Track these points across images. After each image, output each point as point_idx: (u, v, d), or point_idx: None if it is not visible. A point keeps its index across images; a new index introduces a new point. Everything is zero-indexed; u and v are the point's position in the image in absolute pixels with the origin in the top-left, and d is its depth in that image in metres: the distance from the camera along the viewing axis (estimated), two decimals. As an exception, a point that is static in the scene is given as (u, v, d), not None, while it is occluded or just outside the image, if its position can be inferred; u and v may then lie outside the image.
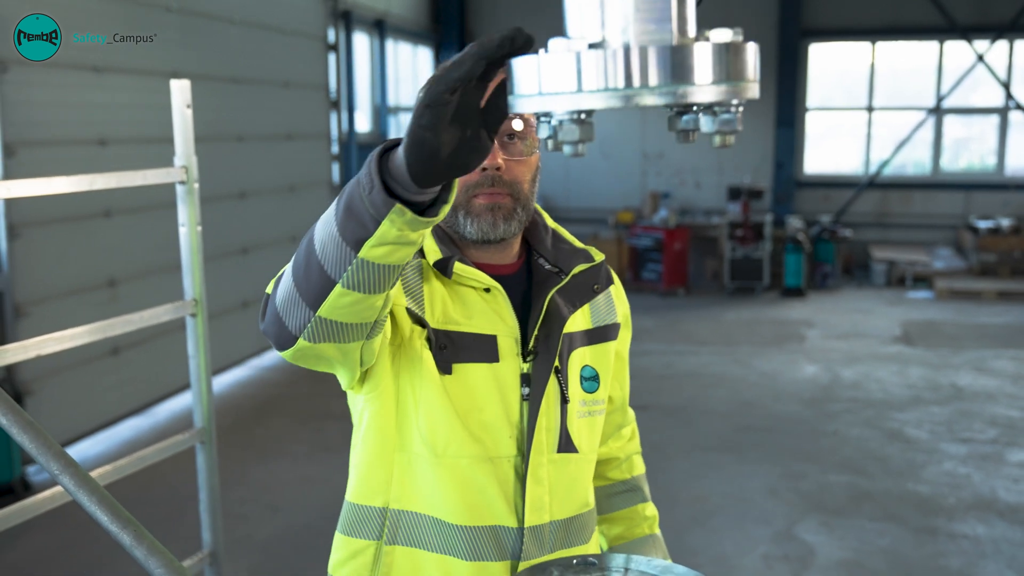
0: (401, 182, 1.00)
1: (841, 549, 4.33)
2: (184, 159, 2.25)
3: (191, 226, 2.30)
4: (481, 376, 1.46)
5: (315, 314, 1.17)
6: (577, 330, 1.56)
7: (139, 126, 6.08)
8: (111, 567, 4.22)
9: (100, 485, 1.02)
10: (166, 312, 2.28)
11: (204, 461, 2.34)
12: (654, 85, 0.74)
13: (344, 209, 1.07)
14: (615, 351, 1.64)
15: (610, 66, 0.75)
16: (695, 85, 0.75)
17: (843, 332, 8.77)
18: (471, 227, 1.47)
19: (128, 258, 6.01)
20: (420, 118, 0.93)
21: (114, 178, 2.04)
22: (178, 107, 2.27)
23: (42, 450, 1.03)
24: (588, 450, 1.57)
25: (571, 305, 1.54)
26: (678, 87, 0.75)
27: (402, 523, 1.47)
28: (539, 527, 1.48)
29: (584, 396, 1.56)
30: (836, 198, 12.13)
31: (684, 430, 6.05)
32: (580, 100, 0.77)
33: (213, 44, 6.98)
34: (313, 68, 8.71)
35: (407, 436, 1.46)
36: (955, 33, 11.48)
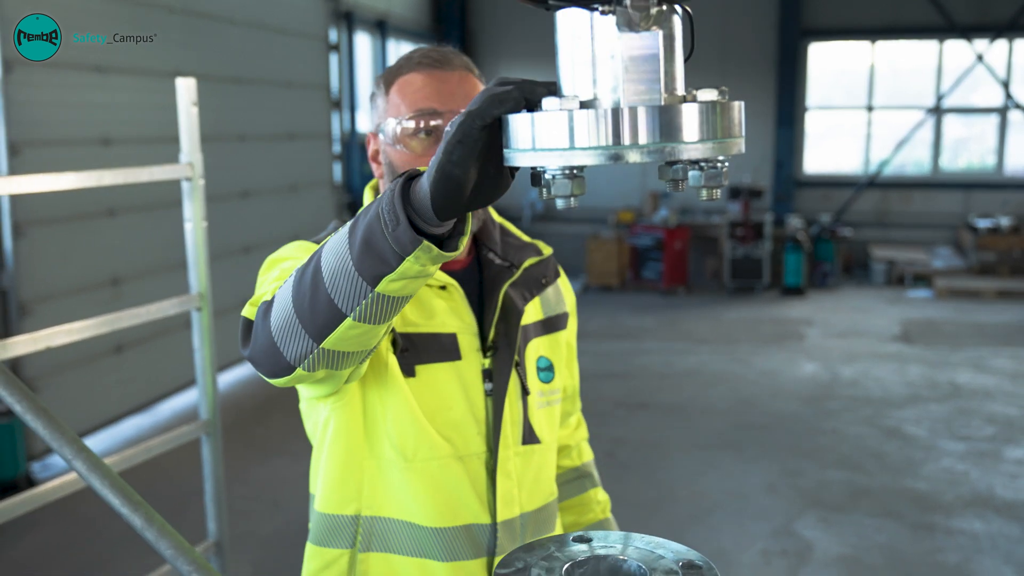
0: (423, 215, 0.99)
1: (839, 545, 4.36)
2: (189, 156, 2.28)
3: (196, 222, 2.33)
4: (445, 375, 1.46)
5: (319, 345, 1.14)
6: (531, 322, 1.58)
7: (142, 126, 6.11)
8: (113, 564, 4.26)
9: (112, 469, 1.06)
10: (172, 306, 2.31)
11: (209, 453, 2.38)
12: (643, 143, 0.78)
13: (362, 244, 1.04)
14: (565, 340, 1.66)
15: (601, 125, 0.79)
16: (682, 143, 0.79)
17: (842, 331, 8.80)
18: None
19: (131, 257, 6.05)
20: (451, 154, 0.93)
21: (121, 174, 2.07)
22: (184, 105, 2.30)
23: (56, 435, 1.07)
24: (550, 440, 1.60)
25: (523, 298, 1.56)
26: (666, 145, 0.78)
27: (376, 529, 1.47)
28: (511, 520, 1.50)
29: (542, 387, 1.58)
30: (836, 197, 12.16)
31: (684, 428, 6.08)
32: (572, 157, 0.80)
33: (215, 44, 7.01)
34: (315, 68, 8.75)
35: (376, 443, 1.45)
36: (955, 33, 11.51)
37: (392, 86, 1.50)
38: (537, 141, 0.83)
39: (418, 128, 1.44)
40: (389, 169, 1.51)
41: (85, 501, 4.45)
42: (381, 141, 1.51)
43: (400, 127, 1.46)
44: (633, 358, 7.70)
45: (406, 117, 1.45)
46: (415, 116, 1.44)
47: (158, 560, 2.61)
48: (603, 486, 1.83)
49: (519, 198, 12.30)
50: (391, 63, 1.56)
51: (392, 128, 1.47)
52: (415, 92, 1.47)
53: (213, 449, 2.38)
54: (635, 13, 0.76)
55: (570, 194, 0.84)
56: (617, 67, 0.80)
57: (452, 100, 1.45)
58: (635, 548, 0.92)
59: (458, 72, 1.48)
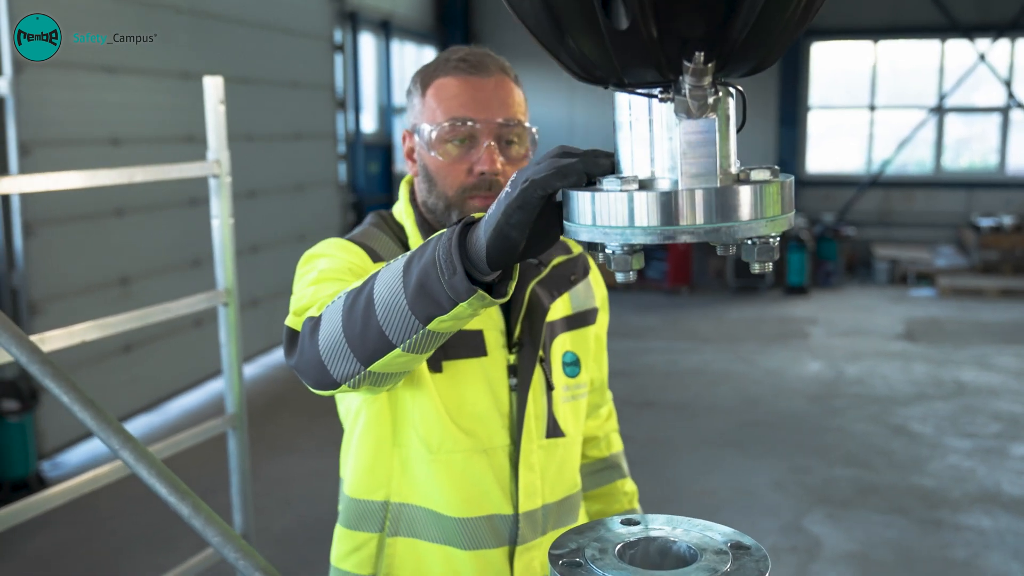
0: (476, 265, 1.05)
1: (848, 541, 4.38)
2: (217, 153, 2.32)
3: (223, 218, 2.37)
4: (471, 371, 1.49)
5: (366, 369, 1.21)
6: (558, 318, 1.60)
7: (151, 126, 6.14)
8: (126, 562, 4.28)
9: (158, 459, 1.08)
10: (199, 301, 2.34)
11: (236, 446, 2.41)
12: (700, 224, 0.82)
13: (417, 287, 1.09)
14: (594, 335, 1.69)
15: (660, 207, 0.83)
16: (737, 223, 0.83)
17: (846, 329, 8.82)
18: None
19: (140, 256, 6.08)
20: (510, 217, 0.98)
21: (152, 171, 2.10)
22: (211, 103, 2.33)
23: (103, 426, 1.09)
24: (574, 433, 1.62)
25: (550, 295, 1.58)
26: (721, 226, 0.83)
27: (403, 516, 1.51)
28: (533, 511, 1.53)
29: (567, 381, 1.60)
30: (839, 197, 12.19)
31: (690, 426, 6.11)
32: (632, 236, 0.84)
33: (222, 45, 7.04)
34: (320, 68, 8.78)
35: (403, 435, 1.49)
36: (956, 32, 11.54)
37: (428, 88, 1.52)
38: (598, 219, 0.87)
39: (453, 136, 1.47)
40: (424, 171, 1.53)
41: (98, 500, 4.48)
42: (416, 142, 1.54)
43: (435, 133, 1.48)
44: (638, 357, 7.72)
45: (441, 124, 1.47)
46: (451, 124, 1.47)
47: (172, 560, 2.65)
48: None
49: (522, 198, 12.34)
50: (394, 64, 1.59)
51: (428, 133, 1.49)
52: (451, 99, 1.48)
53: (239, 442, 2.41)
54: (693, 103, 0.80)
55: (630, 269, 0.88)
56: (675, 149, 0.84)
57: (487, 108, 1.47)
58: (683, 530, 0.95)
59: (494, 77, 1.50)
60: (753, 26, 0.80)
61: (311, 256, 1.50)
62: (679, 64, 0.80)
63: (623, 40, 0.80)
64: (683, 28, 0.79)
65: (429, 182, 1.52)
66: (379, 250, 1.51)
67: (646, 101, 0.85)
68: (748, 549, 0.90)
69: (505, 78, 1.52)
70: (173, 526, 4.58)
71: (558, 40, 0.86)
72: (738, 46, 0.81)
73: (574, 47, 0.86)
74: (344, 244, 1.50)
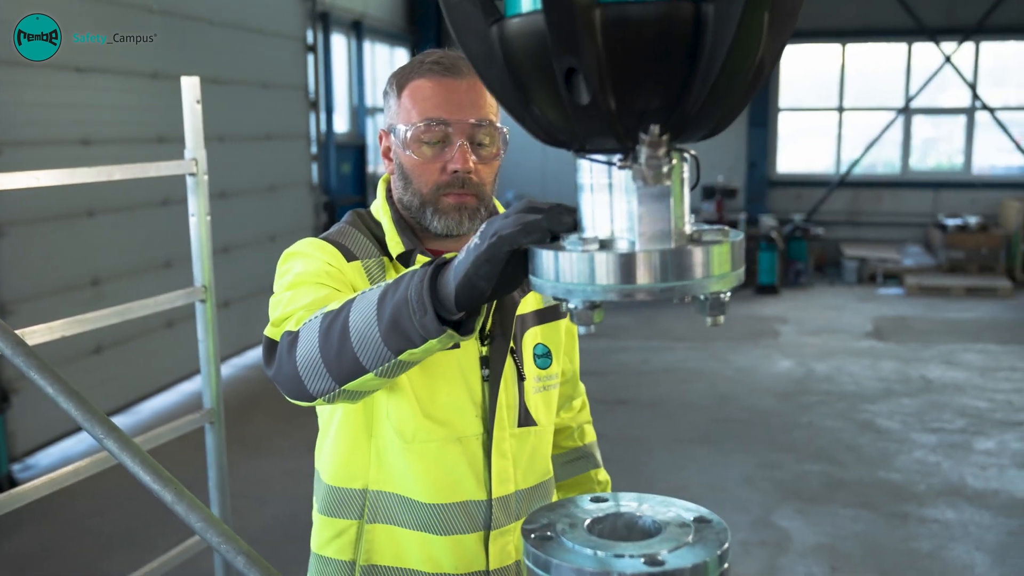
0: (445, 305, 1.14)
1: (816, 534, 4.46)
2: (194, 152, 2.34)
3: (201, 216, 2.39)
4: (444, 362, 1.53)
5: (340, 388, 1.29)
6: (528, 311, 1.65)
7: (121, 126, 6.12)
8: (100, 563, 4.28)
9: (141, 448, 1.11)
10: (178, 297, 2.37)
11: (213, 441, 2.43)
12: (656, 284, 0.89)
13: (390, 322, 1.19)
14: (565, 328, 1.73)
15: (618, 267, 0.90)
16: (691, 282, 0.90)
17: (816, 328, 8.94)
18: (437, 223, 1.55)
19: (112, 257, 6.05)
20: (479, 268, 1.07)
21: (130, 170, 2.12)
22: (188, 103, 2.36)
23: (87, 416, 1.12)
24: (546, 423, 1.67)
25: (521, 290, 1.61)
26: (675, 285, 0.90)
27: (380, 504, 1.56)
28: (506, 497, 1.58)
29: (538, 372, 1.65)
30: (808, 197, 12.33)
31: (663, 423, 6.18)
32: (592, 293, 0.91)
33: (194, 45, 7.03)
34: (292, 69, 8.77)
35: (378, 427, 1.54)
36: (923, 35, 11.72)
37: (404, 89, 1.57)
38: (561, 276, 0.94)
39: (427, 136, 1.52)
40: (399, 169, 1.59)
41: (74, 500, 4.47)
42: (393, 141, 1.59)
43: (410, 133, 1.53)
44: (611, 355, 7.79)
45: (416, 124, 1.52)
46: (425, 124, 1.52)
47: (150, 559, 2.67)
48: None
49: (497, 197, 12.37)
50: (366, 64, 1.63)
51: (403, 133, 1.54)
52: (425, 100, 1.53)
53: (217, 437, 2.44)
54: (649, 171, 0.86)
55: (591, 323, 0.95)
56: (633, 212, 0.90)
57: (460, 109, 1.53)
58: (649, 506, 1.00)
59: (467, 79, 1.54)
60: (705, 99, 0.85)
61: (288, 256, 1.56)
62: (637, 134, 0.85)
63: (584, 112, 0.85)
64: (640, 102, 0.85)
65: (405, 180, 1.57)
66: (354, 248, 1.56)
67: (606, 168, 0.92)
68: (710, 523, 0.95)
69: (477, 81, 1.55)
70: (150, 524, 4.58)
71: (524, 107, 0.92)
72: (692, 118, 0.87)
73: (539, 114, 0.91)
74: (319, 244, 1.55)
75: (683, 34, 0.82)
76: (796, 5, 0.89)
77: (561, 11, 0.80)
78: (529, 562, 0.91)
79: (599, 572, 0.86)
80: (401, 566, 1.56)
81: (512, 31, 0.88)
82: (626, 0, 0.81)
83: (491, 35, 0.90)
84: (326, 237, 1.58)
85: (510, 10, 0.89)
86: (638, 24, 0.81)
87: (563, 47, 0.82)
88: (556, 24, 0.81)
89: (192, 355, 2.63)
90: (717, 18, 0.81)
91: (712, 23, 0.81)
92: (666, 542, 0.92)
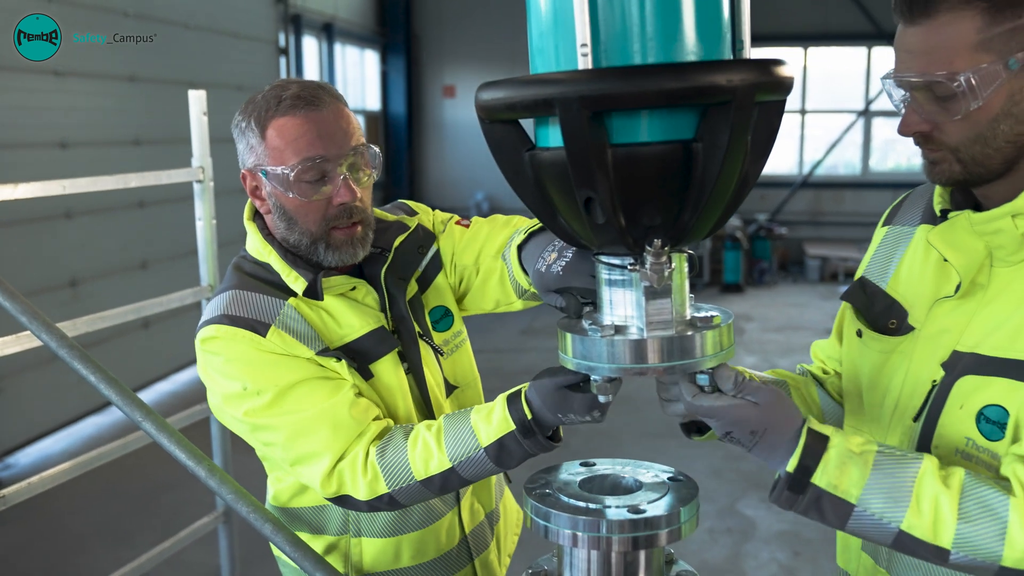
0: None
1: (779, 522, 4.66)
2: (200, 160, 2.47)
3: (207, 219, 2.52)
4: (392, 365, 1.60)
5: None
6: (413, 294, 1.70)
7: (98, 129, 6.19)
8: (81, 559, 4.36)
9: (176, 429, 1.25)
10: (187, 296, 2.51)
11: (218, 430, 2.56)
12: (662, 363, 1.10)
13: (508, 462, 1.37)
14: (444, 275, 1.76)
15: (631, 350, 1.10)
16: (691, 360, 1.11)
17: (779, 325, 9.17)
18: (331, 257, 1.56)
19: (89, 259, 6.12)
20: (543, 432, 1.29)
21: (145, 177, 2.25)
22: (195, 114, 2.49)
23: (127, 401, 1.25)
24: (469, 379, 1.77)
25: (403, 278, 1.68)
26: (676, 364, 1.11)
27: (362, 516, 1.62)
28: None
29: (445, 336, 1.73)
30: (772, 197, 12.59)
31: (633, 418, 6.35)
32: (610, 371, 1.12)
33: (170, 49, 7.10)
34: (265, 71, 8.86)
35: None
36: (882, 39, 12.02)
37: (267, 128, 1.53)
38: (585, 355, 1.14)
39: (308, 174, 1.51)
40: (280, 210, 1.57)
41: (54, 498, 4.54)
42: (264, 182, 1.57)
43: (291, 175, 1.51)
44: (581, 353, 7.94)
45: (294, 166, 1.50)
46: (304, 165, 1.50)
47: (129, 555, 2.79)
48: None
49: (465, 199, 12.52)
50: (337, 66, 1.69)
51: (281, 175, 1.52)
52: (297, 139, 1.51)
53: (221, 427, 2.57)
54: (653, 275, 1.06)
55: (609, 393, 1.18)
56: (641, 305, 1.10)
57: (333, 142, 1.52)
58: (631, 468, 1.17)
59: (330, 108, 1.53)
60: (699, 215, 1.06)
61: (220, 370, 1.52)
62: (643, 245, 1.07)
63: (600, 228, 1.07)
64: (645, 220, 1.06)
65: (288, 220, 1.56)
66: (259, 315, 1.53)
67: (621, 270, 1.13)
68: (681, 480, 1.12)
69: (339, 105, 1.57)
70: (129, 521, 4.68)
71: (552, 218, 1.14)
72: (688, 229, 1.08)
73: (564, 224, 1.13)
74: (235, 337, 1.51)
75: (678, 167, 1.03)
76: (772, 132, 1.11)
77: (580, 152, 1.00)
78: (532, 514, 1.08)
79: (591, 519, 1.03)
80: (392, 568, 1.65)
81: (541, 160, 1.08)
82: (632, 142, 1.01)
83: (524, 160, 1.10)
84: (231, 319, 1.52)
85: (540, 141, 1.11)
86: (642, 161, 1.02)
87: (582, 182, 1.02)
88: (576, 163, 1.01)
89: (167, 356, 2.75)
90: (705, 154, 1.02)
91: (702, 158, 1.02)
92: (645, 495, 1.09)
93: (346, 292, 1.60)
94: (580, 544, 1.04)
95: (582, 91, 0.97)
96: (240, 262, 1.64)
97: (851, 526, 1.18)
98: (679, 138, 1.02)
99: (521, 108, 1.05)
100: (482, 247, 1.75)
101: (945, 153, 1.25)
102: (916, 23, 1.18)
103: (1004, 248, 1.25)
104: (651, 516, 1.04)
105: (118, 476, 4.59)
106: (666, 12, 1.00)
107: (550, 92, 0.99)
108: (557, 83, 1.00)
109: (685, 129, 1.02)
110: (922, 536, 1.14)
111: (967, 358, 1.25)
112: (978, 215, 1.26)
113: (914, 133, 1.25)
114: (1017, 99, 1.16)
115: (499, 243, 1.73)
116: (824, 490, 1.15)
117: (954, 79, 1.14)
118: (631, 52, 1.00)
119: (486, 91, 1.08)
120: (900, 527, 1.14)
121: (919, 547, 1.15)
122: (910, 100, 1.23)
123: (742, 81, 0.99)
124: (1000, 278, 1.26)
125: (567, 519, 1.04)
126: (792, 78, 1.11)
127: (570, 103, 0.97)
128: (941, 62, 1.16)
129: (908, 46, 1.20)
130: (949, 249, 1.29)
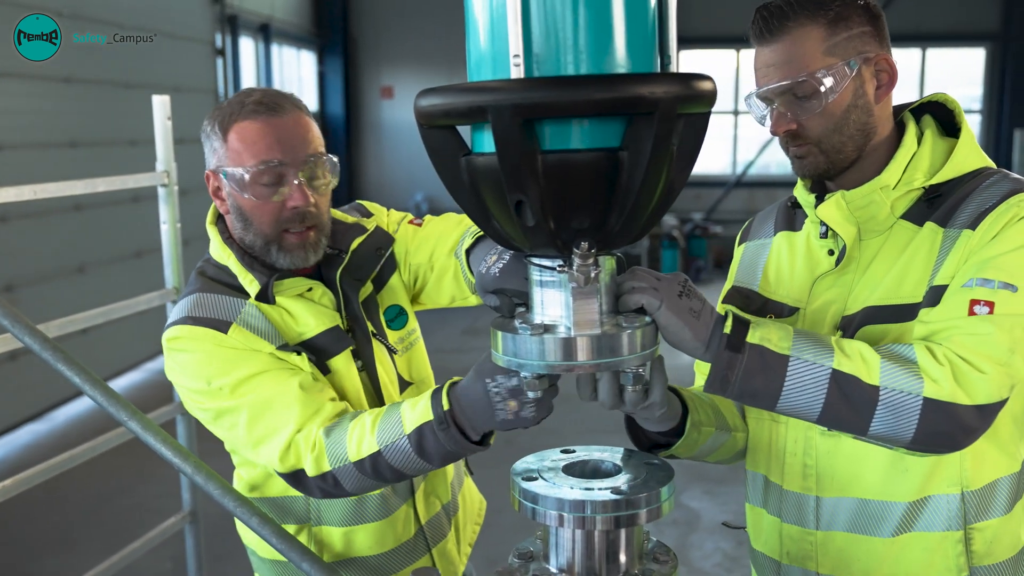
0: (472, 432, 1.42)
1: (723, 513, 4.79)
2: (165, 164, 2.48)
3: (171, 223, 2.53)
4: (346, 363, 1.65)
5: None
6: (367, 294, 1.76)
7: (34, 131, 6.08)
8: (31, 566, 4.30)
9: (161, 428, 1.29)
10: (151, 299, 2.50)
11: (185, 430, 2.57)
12: (589, 360, 1.15)
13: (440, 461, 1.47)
14: (398, 275, 1.82)
15: (559, 348, 1.15)
16: (617, 359, 1.17)
17: (717, 321, 9.36)
18: (284, 259, 1.63)
19: (25, 263, 6.01)
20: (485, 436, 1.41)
21: (111, 182, 2.25)
22: (159, 119, 2.50)
23: (112, 401, 1.28)
24: (423, 375, 1.83)
25: (359, 279, 1.73)
26: (601, 362, 1.16)
27: (322, 505, 1.67)
28: None
29: (400, 334, 1.78)
30: (707, 197, 12.84)
31: (576, 415, 6.43)
32: (537, 367, 1.17)
33: (104, 50, 6.99)
34: (202, 73, 8.77)
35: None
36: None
37: (229, 132, 1.60)
38: (515, 353, 1.19)
39: (264, 177, 1.57)
40: (237, 211, 1.63)
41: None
42: (224, 183, 1.63)
43: (247, 176, 1.57)
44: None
45: (251, 168, 1.57)
46: (261, 167, 1.56)
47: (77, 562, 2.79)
48: (500, 472, 2.06)
49: (404, 200, 12.52)
50: (274, 67, 1.73)
51: (239, 176, 1.58)
52: (256, 142, 1.57)
53: (188, 428, 2.58)
54: (580, 276, 1.11)
55: (539, 389, 1.22)
56: (568, 304, 1.16)
57: (291, 147, 1.58)
58: (609, 454, 1.24)
59: (291, 115, 1.60)
60: (625, 220, 1.12)
61: (184, 366, 1.56)
62: (572, 247, 1.12)
63: (531, 231, 1.12)
64: (573, 224, 1.12)
65: (244, 221, 1.62)
66: (221, 315, 1.59)
67: (551, 271, 1.18)
68: (658, 464, 1.20)
69: (300, 114, 1.64)
70: (76, 528, 4.62)
71: (486, 221, 1.19)
72: (615, 234, 1.14)
73: (498, 227, 1.18)
74: (196, 335, 1.56)
75: (605, 174, 1.09)
76: (698, 142, 1.18)
77: (512, 157, 1.06)
78: (520, 498, 1.14)
79: (576, 501, 1.10)
80: (354, 556, 1.70)
81: (476, 165, 1.13)
82: (561, 149, 1.07)
83: (461, 164, 1.15)
84: (195, 320, 1.58)
85: (476, 147, 1.15)
86: (571, 167, 1.08)
87: (514, 186, 1.08)
88: (508, 168, 1.07)
89: (110, 359, 2.74)
90: (630, 162, 1.08)
91: (627, 166, 1.08)
92: (626, 478, 1.17)
93: (303, 292, 1.65)
94: (566, 524, 1.11)
95: (514, 99, 1.02)
96: (204, 266, 1.69)
97: (788, 383, 1.28)
98: (606, 146, 1.07)
99: (457, 115, 1.10)
100: (435, 246, 1.81)
101: (810, 147, 1.46)
102: (773, 41, 1.44)
103: (875, 219, 1.45)
104: (632, 497, 1.12)
105: (64, 484, 4.53)
106: (595, 25, 1.05)
107: (483, 100, 1.04)
108: (490, 91, 1.05)
109: (612, 138, 1.08)
110: (855, 372, 1.27)
111: (859, 314, 1.43)
112: (851, 192, 1.45)
113: (784, 132, 1.46)
114: (860, 93, 1.43)
115: (452, 242, 1.79)
116: (760, 345, 1.27)
117: (814, 76, 1.40)
118: (562, 63, 1.05)
119: (424, 98, 1.12)
120: (833, 366, 1.27)
121: (854, 388, 1.27)
122: (776, 107, 1.45)
123: (665, 93, 1.05)
124: (871, 247, 1.46)
125: (554, 500, 1.11)
126: (715, 91, 1.18)
127: (502, 111, 1.02)
128: (799, 67, 1.41)
129: (768, 61, 1.45)
130: (835, 222, 1.47)
